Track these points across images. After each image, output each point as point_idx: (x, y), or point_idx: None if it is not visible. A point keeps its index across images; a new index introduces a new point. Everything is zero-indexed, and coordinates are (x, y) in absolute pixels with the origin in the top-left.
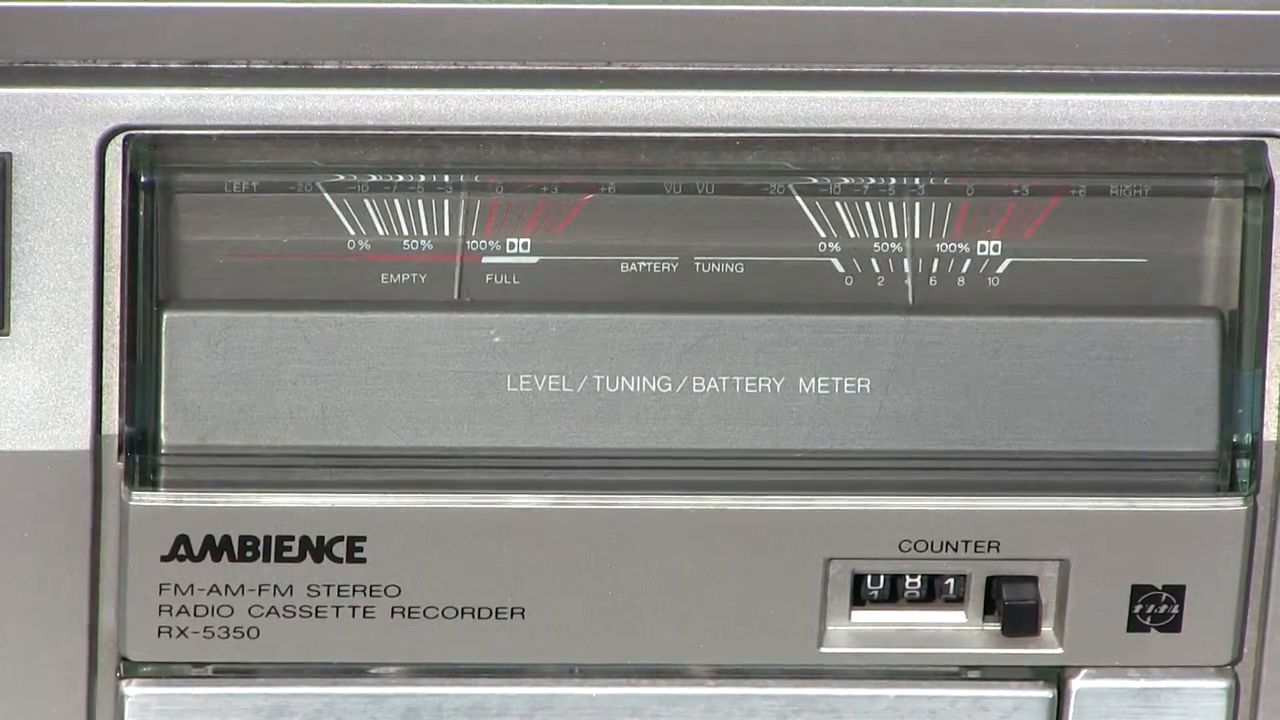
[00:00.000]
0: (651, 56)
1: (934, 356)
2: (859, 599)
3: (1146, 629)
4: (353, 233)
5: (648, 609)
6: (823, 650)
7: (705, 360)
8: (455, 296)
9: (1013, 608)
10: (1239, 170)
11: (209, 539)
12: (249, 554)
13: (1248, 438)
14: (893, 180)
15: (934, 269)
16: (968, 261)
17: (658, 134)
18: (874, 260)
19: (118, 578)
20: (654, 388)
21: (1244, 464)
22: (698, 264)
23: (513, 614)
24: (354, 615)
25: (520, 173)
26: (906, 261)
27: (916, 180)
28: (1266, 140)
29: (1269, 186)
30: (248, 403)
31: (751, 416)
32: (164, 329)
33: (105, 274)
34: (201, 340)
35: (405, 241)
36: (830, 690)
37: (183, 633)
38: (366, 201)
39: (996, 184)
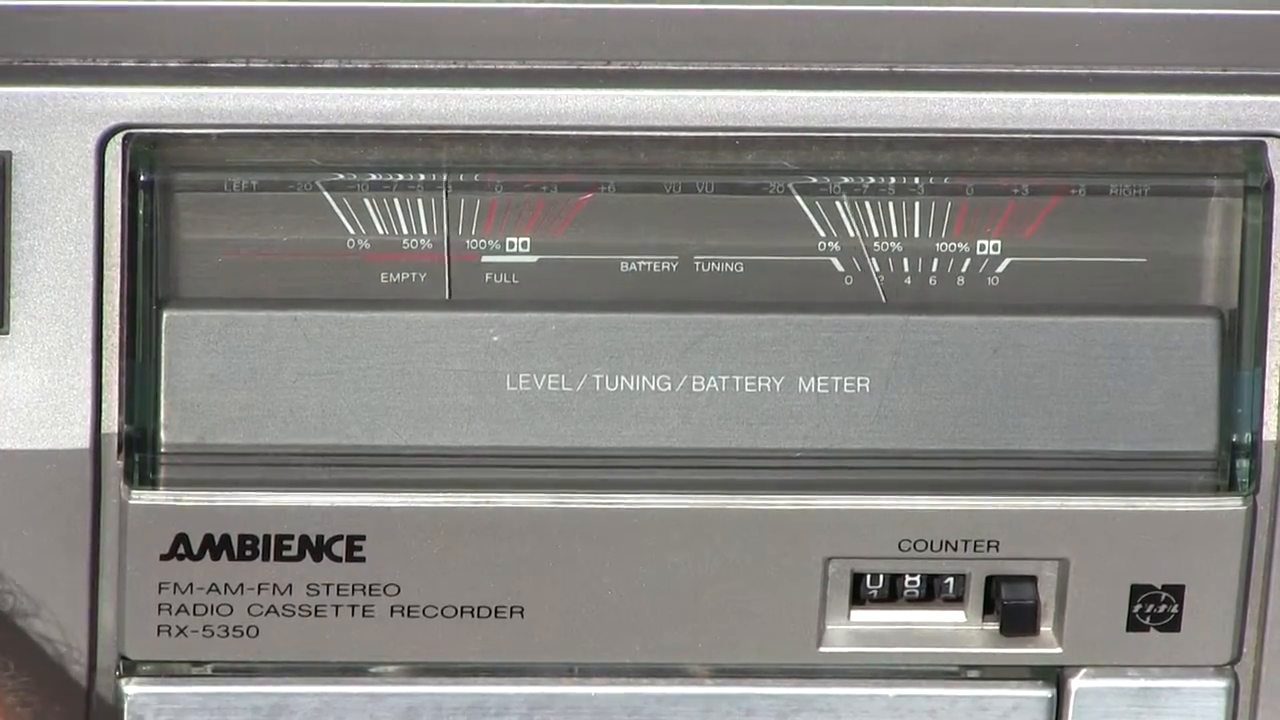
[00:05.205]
0: (651, 55)
1: (933, 356)
2: (858, 598)
3: (1146, 628)
4: (352, 232)
5: (647, 608)
6: (822, 650)
7: (705, 359)
8: (446, 296)
9: (1012, 607)
10: (1239, 170)
11: (208, 538)
12: (248, 553)
13: (1247, 437)
14: (892, 179)
15: (934, 268)
16: (967, 261)
17: (657, 133)
18: (874, 260)
19: (117, 576)
20: (654, 387)
21: (1243, 463)
22: (697, 263)
23: (512, 613)
24: (353, 614)
25: (520, 172)
26: (876, 261)
27: (916, 179)
28: (1266, 140)
29: (1269, 186)
30: (247, 401)
31: (751, 416)
32: (163, 328)
33: (105, 272)
34: (201, 339)
35: (405, 240)
36: (829, 690)
37: (182, 631)
38: (366, 200)
39: (996, 183)
